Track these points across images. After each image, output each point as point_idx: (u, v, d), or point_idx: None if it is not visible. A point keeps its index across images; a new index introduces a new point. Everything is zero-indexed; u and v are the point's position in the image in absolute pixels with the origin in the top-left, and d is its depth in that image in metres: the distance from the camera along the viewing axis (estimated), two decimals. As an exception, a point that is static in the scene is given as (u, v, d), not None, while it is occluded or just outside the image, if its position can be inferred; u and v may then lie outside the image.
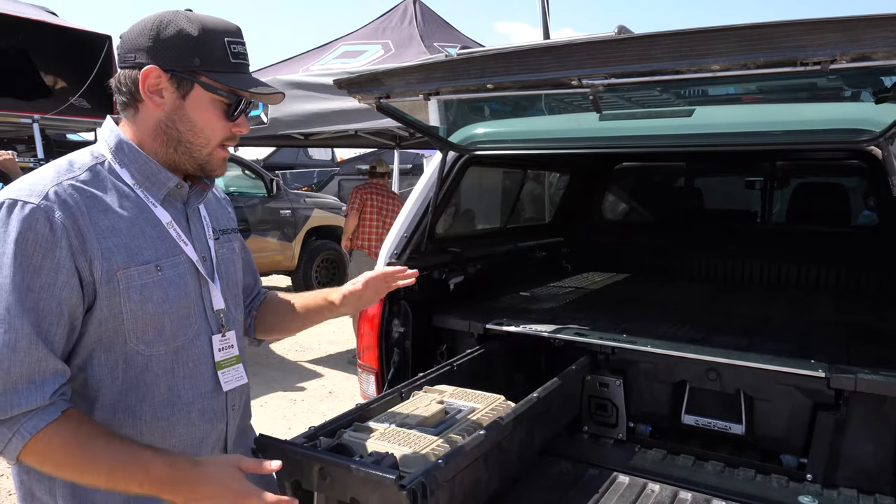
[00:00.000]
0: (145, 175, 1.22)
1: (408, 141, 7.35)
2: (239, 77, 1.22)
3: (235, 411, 1.35)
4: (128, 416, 1.18)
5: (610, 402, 2.25)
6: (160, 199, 1.24)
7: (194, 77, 1.19)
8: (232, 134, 1.26)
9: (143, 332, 1.17)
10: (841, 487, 1.89)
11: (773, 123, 2.24)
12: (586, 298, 3.11)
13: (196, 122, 1.22)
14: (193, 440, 1.25)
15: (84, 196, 1.13)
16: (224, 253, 1.39)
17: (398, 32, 5.85)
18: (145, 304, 1.16)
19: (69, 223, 1.09)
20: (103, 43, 6.28)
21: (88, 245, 1.10)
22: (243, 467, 1.10)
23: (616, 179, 4.46)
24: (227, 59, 1.20)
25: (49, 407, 1.07)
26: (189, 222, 1.30)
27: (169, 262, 1.21)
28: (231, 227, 1.46)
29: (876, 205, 3.61)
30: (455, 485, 1.40)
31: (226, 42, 1.20)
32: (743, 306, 2.93)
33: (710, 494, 1.86)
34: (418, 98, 1.88)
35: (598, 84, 1.56)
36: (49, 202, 1.09)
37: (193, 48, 1.18)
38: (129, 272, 1.14)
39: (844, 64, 1.29)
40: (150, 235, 1.20)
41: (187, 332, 1.24)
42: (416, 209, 2.65)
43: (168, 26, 1.18)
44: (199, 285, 1.28)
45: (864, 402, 1.87)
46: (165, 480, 1.07)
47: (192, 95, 1.20)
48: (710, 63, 1.39)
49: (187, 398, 1.24)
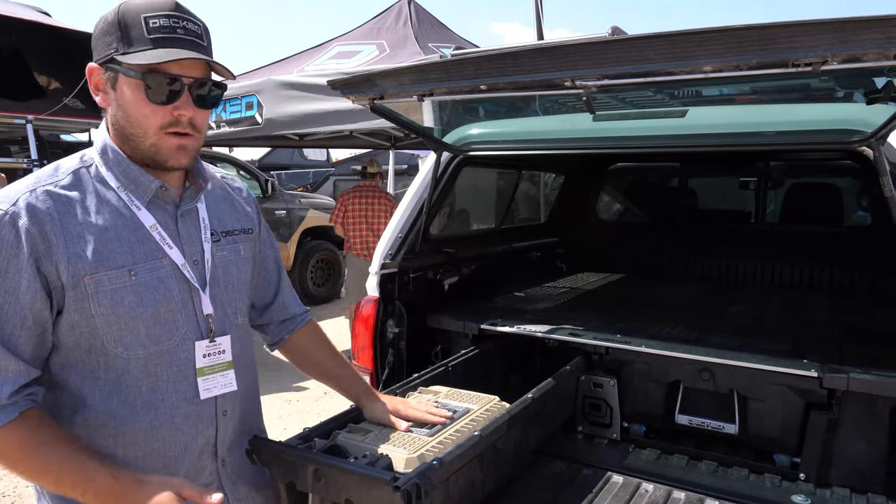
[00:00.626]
0: (129, 178, 1.20)
1: (403, 141, 7.35)
2: (155, 52, 1.11)
3: (228, 417, 1.32)
4: (110, 417, 1.18)
5: (604, 403, 2.26)
6: (146, 201, 1.22)
7: (115, 64, 1.13)
8: (174, 118, 1.16)
9: (120, 336, 1.16)
10: (834, 486, 1.90)
11: (766, 124, 2.25)
12: (581, 299, 3.12)
13: (128, 111, 1.16)
14: (178, 445, 1.24)
15: (57, 202, 1.13)
16: (224, 255, 1.34)
17: (393, 33, 5.85)
18: (116, 309, 1.15)
19: (35, 229, 1.09)
20: (97, 43, 6.26)
21: (55, 250, 1.10)
22: (185, 494, 1.09)
23: (610, 180, 4.47)
24: (143, 36, 1.11)
25: (8, 407, 1.08)
26: (178, 225, 1.26)
27: (146, 266, 1.19)
28: (240, 228, 1.41)
29: (868, 205, 3.63)
30: (450, 485, 1.40)
31: (143, 18, 1.11)
32: (737, 306, 2.94)
33: (703, 494, 1.87)
34: (412, 99, 1.88)
35: (592, 85, 1.56)
36: (17, 209, 1.09)
37: (111, 34, 1.13)
38: (97, 277, 1.13)
39: (836, 65, 1.30)
40: (128, 240, 1.18)
41: (172, 337, 1.22)
42: (410, 210, 2.65)
43: (99, 21, 1.15)
44: (189, 289, 1.25)
45: (856, 401, 1.88)
46: (108, 493, 1.08)
47: (118, 84, 1.15)
48: (703, 64, 1.39)
49: (171, 402, 1.22)
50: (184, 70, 1.14)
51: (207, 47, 1.18)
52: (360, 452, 1.41)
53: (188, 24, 1.15)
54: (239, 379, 1.34)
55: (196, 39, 1.16)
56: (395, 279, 2.50)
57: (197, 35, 1.16)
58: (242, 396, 1.37)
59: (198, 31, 1.16)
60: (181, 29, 1.13)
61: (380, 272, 2.47)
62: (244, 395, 1.38)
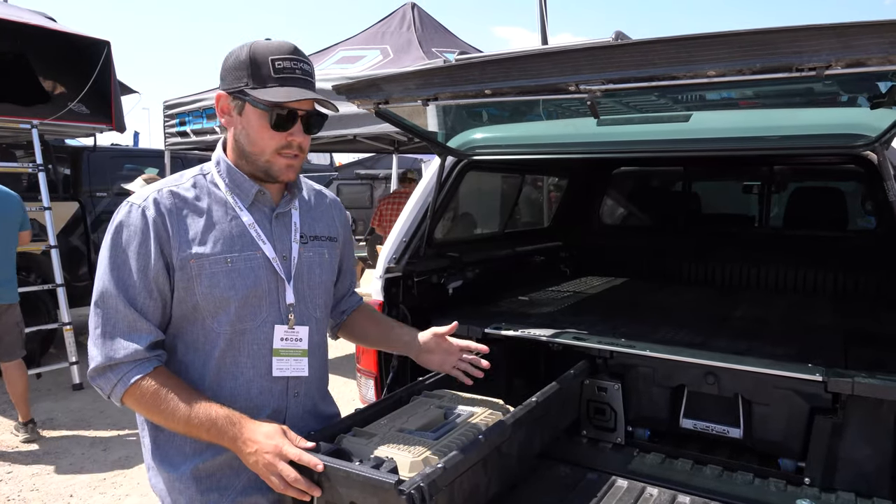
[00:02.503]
0: (235, 184, 1.47)
1: (406, 146, 7.37)
2: (282, 91, 1.37)
3: (299, 399, 1.53)
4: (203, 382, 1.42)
5: (608, 407, 2.26)
6: (247, 204, 1.47)
7: (244, 95, 1.39)
8: (287, 142, 1.42)
9: (215, 312, 1.41)
10: (839, 491, 1.89)
11: (770, 128, 2.25)
12: (585, 302, 3.12)
13: (250, 134, 1.42)
14: (251, 413, 1.40)
15: (177, 199, 1.41)
16: (309, 256, 1.56)
17: (397, 37, 5.87)
18: (213, 290, 1.39)
19: (159, 219, 1.37)
20: (102, 48, 6.27)
21: (172, 237, 1.37)
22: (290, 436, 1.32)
23: (614, 184, 4.47)
24: (270, 75, 1.37)
25: (144, 362, 1.35)
26: (272, 225, 1.50)
27: (242, 257, 1.43)
28: (326, 235, 1.63)
29: (873, 209, 3.62)
30: (454, 489, 1.40)
31: (270, 60, 1.37)
32: (741, 310, 2.94)
33: (708, 498, 1.86)
34: (417, 103, 1.89)
35: (596, 90, 1.56)
36: (147, 203, 1.38)
37: (242, 69, 1.38)
38: (200, 261, 1.39)
39: (839, 70, 1.30)
40: (229, 233, 1.43)
41: (255, 319, 1.45)
42: (414, 214, 2.66)
43: (230, 56, 1.42)
44: (276, 280, 1.47)
45: (861, 405, 1.88)
46: (227, 429, 1.31)
47: (245, 111, 1.41)
48: (707, 69, 1.40)
49: (248, 375, 1.45)
50: (299, 105, 1.40)
51: (314, 83, 1.44)
52: (365, 456, 1.42)
53: (303, 65, 1.41)
54: (311, 367, 1.54)
55: (309, 78, 1.42)
56: (399, 283, 2.51)
57: (310, 75, 1.42)
58: (316, 384, 1.58)
59: (310, 71, 1.43)
60: (299, 70, 1.39)
61: (384, 276, 2.48)
62: (317, 384, 1.59)
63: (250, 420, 1.34)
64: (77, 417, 4.91)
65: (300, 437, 1.35)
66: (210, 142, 6.08)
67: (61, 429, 4.69)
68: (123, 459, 4.17)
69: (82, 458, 4.21)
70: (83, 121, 6.32)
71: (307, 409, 1.56)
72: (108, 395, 1.37)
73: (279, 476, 1.28)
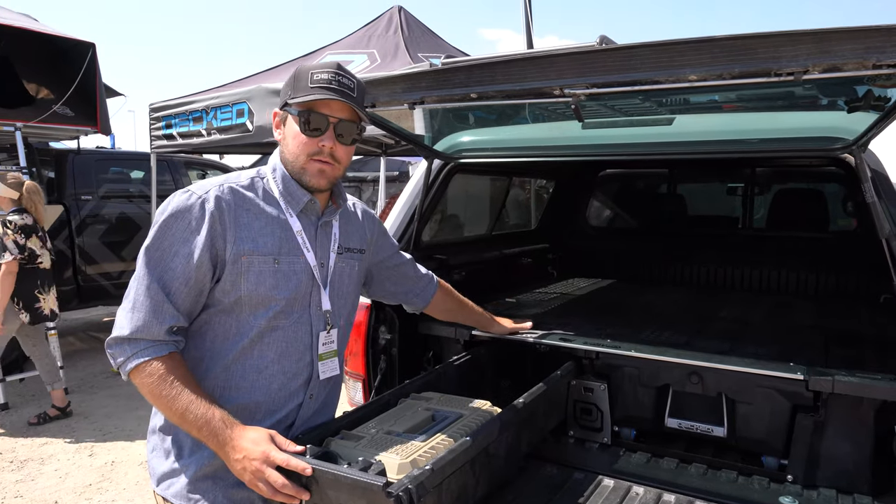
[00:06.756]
0: (288, 191, 1.54)
1: (394, 148, 7.36)
2: (311, 94, 1.43)
3: (313, 401, 1.59)
4: (225, 369, 1.47)
5: (595, 407, 2.28)
6: (297, 211, 1.54)
7: (287, 106, 1.48)
8: (318, 148, 1.47)
9: (256, 308, 1.47)
10: (820, 488, 1.92)
11: (752, 131, 2.29)
12: (571, 304, 3.14)
13: (289, 139, 1.50)
14: (263, 410, 1.49)
15: (236, 196, 1.48)
16: (342, 267, 1.64)
17: (384, 41, 5.88)
18: (259, 287, 1.46)
19: (217, 213, 1.42)
20: (86, 50, 6.22)
21: (227, 231, 1.43)
22: (277, 441, 1.34)
23: (600, 186, 4.50)
24: (307, 85, 1.44)
25: (161, 344, 1.39)
26: (317, 233, 1.58)
27: (287, 260, 1.50)
28: (357, 248, 1.72)
29: (853, 210, 3.68)
30: (442, 491, 1.41)
31: (310, 73, 1.45)
32: (725, 311, 2.98)
33: (693, 496, 1.89)
34: (403, 107, 1.90)
35: (580, 93, 1.58)
36: (207, 196, 1.43)
37: (289, 85, 1.48)
38: (251, 258, 1.45)
39: (817, 74, 1.32)
40: (279, 236, 1.50)
41: (289, 319, 1.51)
42: (402, 217, 2.67)
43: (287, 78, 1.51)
44: (313, 285, 1.55)
45: (841, 403, 1.91)
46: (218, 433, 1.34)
47: (287, 121, 1.51)
48: (688, 73, 1.42)
49: (271, 371, 1.50)
50: (332, 112, 1.46)
51: (356, 98, 1.49)
52: (353, 458, 1.42)
53: (343, 79, 1.47)
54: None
55: (347, 91, 1.46)
56: (386, 286, 2.50)
57: (349, 88, 1.47)
58: (330, 387, 1.66)
59: (350, 85, 1.48)
60: (336, 82, 1.45)
61: (371, 279, 2.47)
62: (332, 386, 1.66)
63: (241, 426, 1.36)
64: (62, 423, 4.87)
65: (289, 441, 1.36)
66: (196, 144, 6.04)
67: (46, 434, 4.66)
68: (109, 465, 4.14)
69: (68, 463, 4.18)
70: (68, 123, 6.27)
71: (316, 410, 1.62)
72: (118, 366, 1.40)
73: (266, 483, 1.30)
